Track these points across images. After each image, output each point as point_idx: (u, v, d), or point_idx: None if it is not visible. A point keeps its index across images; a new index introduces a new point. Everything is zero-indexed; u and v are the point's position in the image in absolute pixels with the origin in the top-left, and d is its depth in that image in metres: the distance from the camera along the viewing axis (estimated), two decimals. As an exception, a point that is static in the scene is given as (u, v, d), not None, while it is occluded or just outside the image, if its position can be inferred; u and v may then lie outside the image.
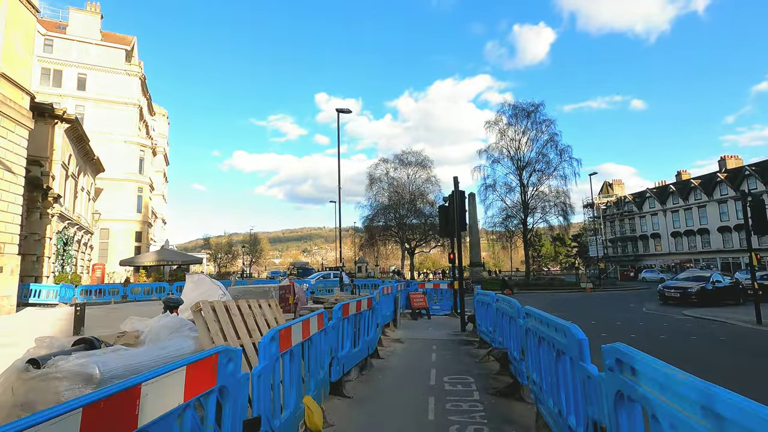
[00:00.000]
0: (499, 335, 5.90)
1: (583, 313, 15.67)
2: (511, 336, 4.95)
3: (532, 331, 3.77)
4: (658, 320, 13.49)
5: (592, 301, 22.88)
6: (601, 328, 11.39)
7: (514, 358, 4.68)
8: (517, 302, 4.70)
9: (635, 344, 2.23)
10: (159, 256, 26.61)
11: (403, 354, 7.38)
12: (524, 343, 4.15)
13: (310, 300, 8.06)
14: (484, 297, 7.22)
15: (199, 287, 5.03)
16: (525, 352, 4.12)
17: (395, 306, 10.54)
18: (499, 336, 5.89)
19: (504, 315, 5.45)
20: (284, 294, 6.30)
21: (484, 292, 7.39)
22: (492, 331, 6.55)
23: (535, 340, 3.63)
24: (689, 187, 57.74)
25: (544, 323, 3.18)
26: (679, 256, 59.38)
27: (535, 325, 3.59)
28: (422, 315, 12.70)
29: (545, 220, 39.92)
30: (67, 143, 27.44)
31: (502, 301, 5.60)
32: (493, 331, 6.51)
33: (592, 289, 31.49)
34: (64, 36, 41.42)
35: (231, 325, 3.81)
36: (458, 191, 10.61)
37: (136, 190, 43.02)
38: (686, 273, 22.95)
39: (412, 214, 47.19)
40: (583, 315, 14.95)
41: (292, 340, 3.01)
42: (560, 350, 2.73)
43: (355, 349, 5.38)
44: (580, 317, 14.03)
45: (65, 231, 26.99)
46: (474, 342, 8.38)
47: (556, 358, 2.83)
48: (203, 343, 3.49)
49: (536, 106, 38.11)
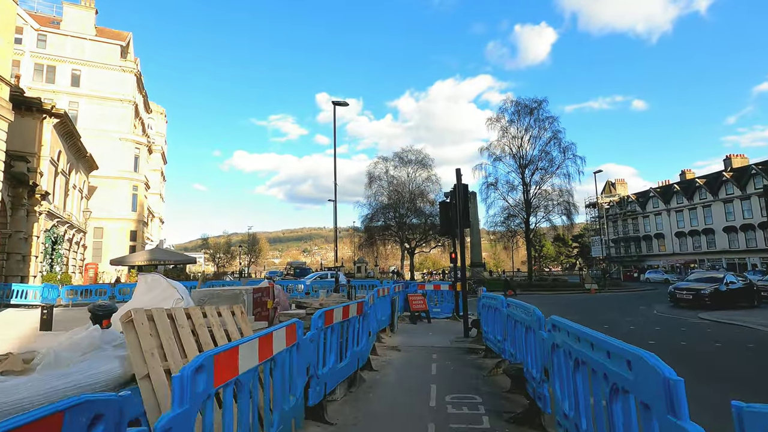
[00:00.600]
0: (511, 346, 5.05)
1: (592, 317, 14.81)
2: (529, 350, 4.10)
3: (562, 350, 2.94)
4: (674, 324, 12.62)
5: (599, 302, 22.01)
6: (614, 333, 10.51)
7: (533, 378, 3.84)
8: (537, 310, 3.85)
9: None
10: (151, 256, 25.74)
11: (399, 365, 6.53)
12: (549, 361, 3.31)
13: (294, 304, 7.27)
14: (492, 301, 6.36)
15: (152, 289, 4.19)
16: (550, 374, 3.27)
17: (392, 309, 9.70)
18: (511, 347, 5.04)
19: (518, 324, 4.60)
20: (260, 298, 5.42)
21: (491, 296, 6.54)
22: (501, 340, 5.70)
23: (567, 362, 2.80)
24: (694, 187, 56.80)
25: (586, 342, 2.34)
26: (684, 256, 58.45)
27: (567, 342, 2.75)
28: (422, 318, 11.86)
29: (548, 220, 39.05)
30: (56, 139, 26.64)
31: (516, 307, 4.75)
32: (502, 340, 5.66)
33: (596, 290, 30.62)
34: (57, 31, 40.63)
35: (176, 339, 2.98)
36: (461, 185, 9.77)
37: (131, 188, 42.22)
38: (696, 274, 22.10)
39: (412, 214, 46.30)
40: (592, 318, 14.10)
41: (239, 365, 2.18)
42: (620, 387, 1.88)
43: (341, 364, 4.54)
44: (591, 321, 13.17)
45: (54, 229, 26.17)
46: (479, 350, 7.53)
47: (612, 396, 1.98)
48: (134, 366, 2.66)
49: (539, 102, 37.25)
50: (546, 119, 37.37)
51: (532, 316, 3.89)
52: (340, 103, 17.88)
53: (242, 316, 3.81)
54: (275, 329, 2.81)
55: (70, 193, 31.56)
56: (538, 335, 3.63)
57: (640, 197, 67.90)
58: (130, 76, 42.87)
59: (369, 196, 47.15)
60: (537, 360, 3.73)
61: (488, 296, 6.81)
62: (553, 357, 3.15)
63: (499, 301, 5.79)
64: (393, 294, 10.09)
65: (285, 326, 3.03)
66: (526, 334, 4.20)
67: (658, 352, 1.48)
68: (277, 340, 2.83)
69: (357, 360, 5.16)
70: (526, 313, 4.14)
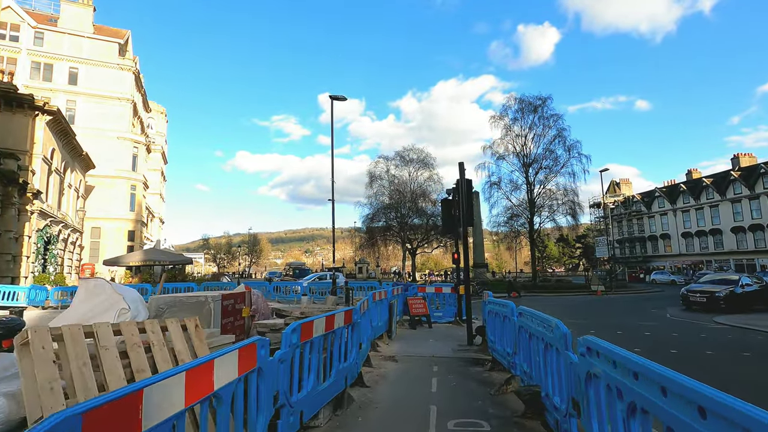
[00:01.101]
0: (525, 362, 4.31)
1: (604, 321, 14.03)
2: (550, 371, 3.37)
3: (604, 383, 2.21)
4: (692, 330, 11.84)
5: (607, 305, 21.21)
6: (631, 340, 9.77)
7: (555, 407, 3.12)
8: (561, 325, 3.11)
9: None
10: (146, 256, 25.12)
11: (395, 379, 5.81)
12: (580, 392, 2.57)
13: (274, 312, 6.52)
14: (500, 308, 5.62)
15: (93, 297, 3.47)
16: (583, 408, 2.54)
17: (390, 314, 8.97)
18: (525, 363, 4.29)
19: (534, 338, 3.87)
20: (233, 306, 4.67)
21: (498, 302, 5.80)
22: (511, 353, 4.96)
23: (613, 401, 2.07)
24: (701, 186, 55.81)
25: (652, 382, 1.59)
26: (690, 257, 57.44)
27: (614, 375, 2.02)
28: (422, 323, 11.13)
29: (553, 220, 38.19)
30: (50, 136, 26.06)
31: (530, 318, 4.01)
32: (512, 354, 4.93)
33: (602, 292, 29.77)
34: (55, 29, 40.15)
35: (95, 367, 2.27)
36: (464, 180, 9.03)
37: (129, 187, 41.70)
38: (710, 275, 21.27)
39: (413, 214, 45.53)
40: (604, 322, 13.32)
41: (142, 415, 1.45)
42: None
43: (323, 385, 3.82)
44: (602, 326, 12.41)
45: (47, 229, 25.57)
46: (484, 361, 6.80)
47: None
48: (26, 404, 1.95)
49: (543, 99, 36.44)
50: (550, 117, 36.61)
51: (554, 332, 3.16)
52: (338, 98, 17.20)
53: (197, 332, 3.10)
54: (219, 355, 2.10)
55: (66, 192, 30.99)
56: (565, 357, 2.90)
57: (645, 197, 66.93)
58: (128, 74, 42.35)
59: (370, 196, 46.48)
60: (561, 386, 3.01)
61: (495, 302, 6.06)
62: (588, 389, 2.42)
63: (509, 308, 5.05)
64: (391, 297, 9.36)
65: (238, 348, 2.31)
66: (546, 352, 3.47)
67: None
68: (224, 368, 2.12)
69: (344, 378, 4.44)
70: (546, 327, 3.41)
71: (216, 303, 4.29)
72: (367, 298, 6.62)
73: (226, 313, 4.50)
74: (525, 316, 4.22)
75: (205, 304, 4.19)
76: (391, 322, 8.95)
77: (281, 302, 19.29)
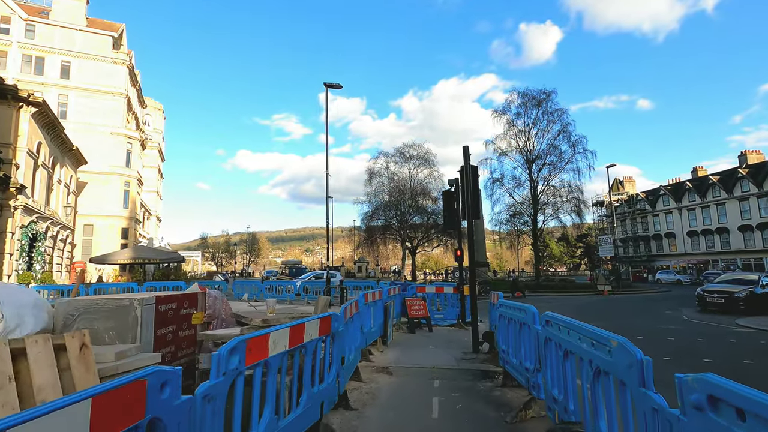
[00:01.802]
0: (556, 387, 3.30)
1: (617, 323, 13.02)
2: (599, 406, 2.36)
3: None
4: (718, 334, 10.83)
5: (617, 305, 20.19)
6: (655, 347, 8.76)
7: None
8: (630, 345, 2.06)
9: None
10: (135, 254, 24.18)
11: (388, 399, 4.81)
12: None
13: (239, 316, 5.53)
14: (516, 313, 4.62)
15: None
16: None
17: (385, 317, 7.98)
18: (557, 390, 3.27)
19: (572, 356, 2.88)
20: (175, 311, 3.63)
21: (514, 305, 4.80)
22: (532, 369, 3.96)
23: None
24: (707, 184, 54.69)
25: None
26: (696, 256, 56.34)
27: None
28: (422, 326, 10.14)
29: (557, 217, 37.11)
30: (35, 129, 25.08)
31: (565, 329, 2.99)
32: (533, 371, 3.93)
33: (609, 292, 28.76)
34: (47, 21, 39.18)
35: None
36: (469, 166, 8.02)
37: (123, 184, 40.74)
38: (725, 275, 20.26)
39: (413, 212, 44.48)
40: (618, 325, 12.31)
41: None
42: None
43: (286, 420, 2.83)
44: (618, 329, 11.39)
45: (33, 225, 24.61)
46: (494, 374, 5.80)
47: None
48: None
49: (548, 93, 35.32)
50: (555, 111, 35.51)
51: (616, 356, 2.15)
52: (333, 86, 16.20)
53: (82, 354, 2.10)
54: (45, 411, 1.11)
55: (55, 188, 30.04)
56: (641, 397, 1.88)
57: (649, 195, 65.83)
58: (122, 68, 41.35)
59: (369, 193, 45.41)
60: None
61: (509, 305, 5.05)
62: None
63: (528, 314, 4.05)
64: (387, 298, 8.36)
65: (93, 394, 1.31)
66: (596, 380, 2.47)
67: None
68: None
69: (320, 404, 3.45)
70: (597, 346, 2.41)
71: (147, 308, 3.24)
72: (357, 300, 5.63)
73: (164, 321, 3.47)
74: (555, 326, 3.23)
75: (130, 310, 3.17)
76: (387, 326, 7.95)
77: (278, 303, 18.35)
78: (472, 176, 7.96)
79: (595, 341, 2.48)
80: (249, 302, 17.65)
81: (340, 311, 4.24)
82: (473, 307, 7.61)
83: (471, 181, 7.84)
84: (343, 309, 4.29)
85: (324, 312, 4.65)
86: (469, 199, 7.60)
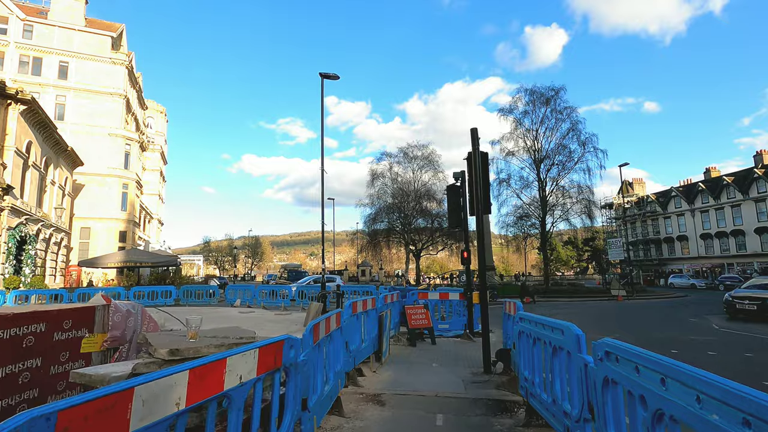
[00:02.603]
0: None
1: (644, 334, 11.70)
2: None
3: None
4: (763, 347, 9.50)
5: (636, 313, 18.79)
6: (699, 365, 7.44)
7: None
8: None
9: None
10: (126, 257, 23.21)
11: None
12: None
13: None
14: (544, 332, 3.40)
15: None
16: None
17: (380, 329, 6.78)
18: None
19: (674, 422, 1.68)
20: (44, 335, 2.37)
21: (541, 320, 3.59)
22: (577, 417, 2.75)
23: None
24: (721, 185, 52.93)
25: None
26: (710, 260, 54.49)
27: None
28: (424, 336, 8.93)
29: (566, 219, 35.66)
30: (25, 128, 24.26)
31: (644, 372, 1.78)
32: (579, 418, 2.72)
33: (624, 297, 27.29)
34: (45, 21, 38.68)
35: None
36: (479, 152, 6.82)
37: (121, 186, 39.95)
38: (753, 279, 18.81)
39: (417, 215, 43.22)
40: (646, 337, 11.00)
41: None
42: None
43: None
44: (647, 341, 10.11)
45: (22, 227, 23.72)
46: (513, 406, 4.59)
47: None
48: None
49: (556, 90, 34.04)
50: (564, 109, 34.20)
51: None
52: (329, 76, 15.11)
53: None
54: None
55: (48, 189, 29.24)
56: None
57: (660, 197, 64.09)
58: (121, 68, 40.69)
59: (371, 195, 44.19)
60: None
61: (534, 320, 3.84)
62: None
63: (569, 336, 2.84)
64: (382, 307, 7.16)
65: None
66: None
67: None
68: None
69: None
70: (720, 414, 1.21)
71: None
72: (337, 312, 4.45)
73: (15, 353, 2.24)
74: (626, 364, 2.03)
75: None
76: (382, 339, 6.75)
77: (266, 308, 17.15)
78: (482, 163, 6.76)
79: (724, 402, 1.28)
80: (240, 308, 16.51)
81: (306, 331, 3.06)
82: (484, 319, 6.39)
83: (481, 169, 6.64)
84: (311, 327, 3.11)
85: (318, 318, 3.50)
86: (479, 190, 6.40)
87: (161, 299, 18.87)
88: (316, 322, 3.42)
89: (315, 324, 3.25)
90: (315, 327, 3.24)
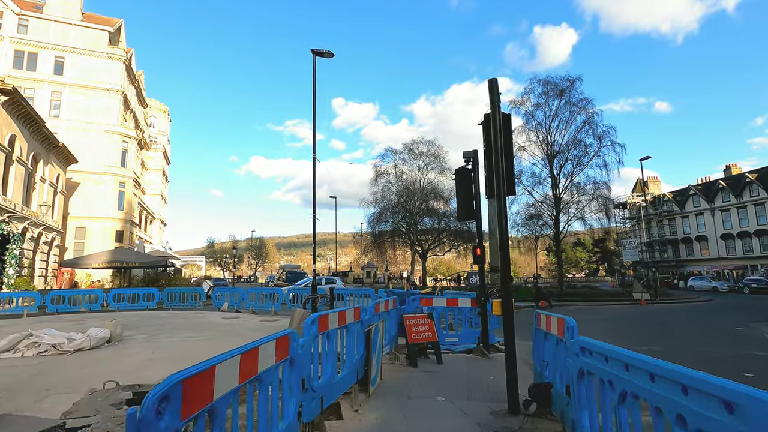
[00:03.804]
0: None
1: (685, 347, 9.84)
2: None
3: None
4: None
5: (665, 319, 16.81)
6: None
7: None
8: None
9: None
10: (112, 257, 21.83)
11: None
12: None
13: None
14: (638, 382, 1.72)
15: None
16: None
17: (367, 349, 5.07)
18: None
19: None
20: None
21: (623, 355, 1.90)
22: None
23: None
24: (743, 183, 50.36)
25: None
26: (732, 261, 51.88)
27: None
28: (428, 350, 7.20)
29: (581, 218, 33.57)
30: (8, 121, 23.02)
31: None
32: None
33: (647, 301, 25.24)
34: (40, 15, 37.72)
35: None
36: (499, 114, 5.06)
37: (118, 184, 38.75)
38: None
39: (424, 214, 41.41)
40: (688, 351, 9.15)
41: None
42: None
43: None
44: (692, 357, 8.28)
45: (4, 225, 22.45)
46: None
47: None
48: None
49: (572, 81, 32.06)
50: (579, 101, 32.21)
51: None
52: (322, 53, 13.49)
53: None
54: None
55: (37, 186, 28.04)
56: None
57: (677, 196, 61.52)
58: (118, 63, 39.57)
59: (375, 193, 42.44)
60: None
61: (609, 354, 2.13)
62: None
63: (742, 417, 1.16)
64: (370, 318, 5.45)
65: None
66: None
67: None
68: None
69: None
70: None
71: None
72: (285, 335, 2.76)
73: None
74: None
75: None
76: (369, 364, 5.02)
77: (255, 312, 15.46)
78: (504, 127, 5.03)
79: None
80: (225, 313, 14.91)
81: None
82: (509, 340, 4.64)
83: (502, 133, 4.91)
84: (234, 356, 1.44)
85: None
86: (501, 159, 4.66)
87: (143, 302, 17.35)
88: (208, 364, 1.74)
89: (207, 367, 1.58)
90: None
